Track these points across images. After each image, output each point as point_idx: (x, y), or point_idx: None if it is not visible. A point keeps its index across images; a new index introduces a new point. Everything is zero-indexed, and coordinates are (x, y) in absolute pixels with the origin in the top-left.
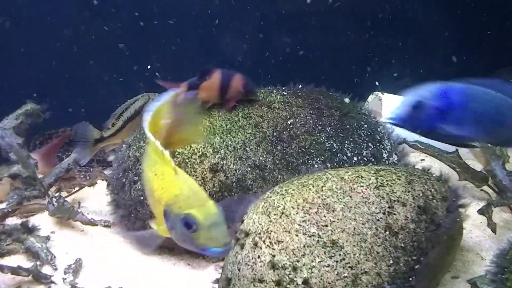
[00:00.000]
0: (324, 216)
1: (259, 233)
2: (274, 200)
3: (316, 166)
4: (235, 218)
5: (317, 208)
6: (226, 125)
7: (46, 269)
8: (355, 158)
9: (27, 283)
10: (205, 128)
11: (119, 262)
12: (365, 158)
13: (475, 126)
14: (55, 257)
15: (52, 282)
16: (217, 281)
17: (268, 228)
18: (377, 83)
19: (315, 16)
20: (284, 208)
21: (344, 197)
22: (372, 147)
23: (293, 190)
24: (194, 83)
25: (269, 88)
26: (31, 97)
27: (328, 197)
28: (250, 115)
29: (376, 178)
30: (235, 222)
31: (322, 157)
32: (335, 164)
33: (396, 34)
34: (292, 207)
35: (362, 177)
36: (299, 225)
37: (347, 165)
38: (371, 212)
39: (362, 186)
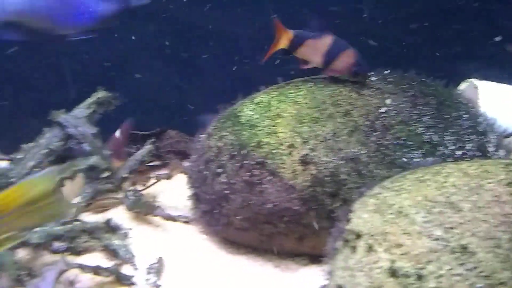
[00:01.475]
0: (450, 217)
1: (373, 235)
2: (387, 197)
3: (416, 160)
4: None
5: (441, 207)
6: (314, 113)
7: (126, 269)
8: (458, 152)
9: (108, 284)
10: (292, 116)
11: (201, 261)
12: (469, 152)
13: None
14: (134, 255)
15: (133, 283)
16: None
17: (383, 230)
18: (465, 70)
19: None
20: (400, 207)
21: (471, 195)
22: (476, 139)
23: (408, 186)
24: (300, 37)
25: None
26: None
27: (452, 195)
28: (338, 103)
29: (507, 174)
30: None
31: (422, 150)
32: (437, 158)
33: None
34: (410, 205)
35: (489, 172)
36: (421, 226)
37: (450, 160)
38: (505, 213)
39: (491, 183)
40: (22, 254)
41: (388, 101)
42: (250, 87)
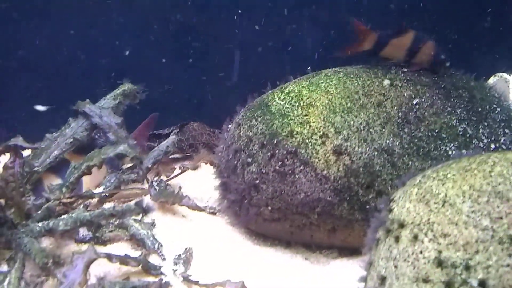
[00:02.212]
0: (498, 207)
1: (418, 225)
2: (431, 186)
3: (451, 152)
4: None
5: (488, 197)
6: (346, 103)
7: (153, 259)
8: (492, 145)
9: (135, 274)
10: (324, 106)
11: (229, 252)
12: (503, 146)
13: None
14: (162, 245)
15: (162, 273)
16: (363, 279)
17: (429, 219)
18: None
19: None
20: (446, 196)
21: None
22: (509, 133)
23: (453, 175)
24: (384, 37)
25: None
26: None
27: (499, 184)
28: (371, 93)
29: None
30: None
31: (456, 142)
32: (471, 152)
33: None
34: (456, 194)
35: None
36: (468, 216)
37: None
38: None
39: None
40: (46, 243)
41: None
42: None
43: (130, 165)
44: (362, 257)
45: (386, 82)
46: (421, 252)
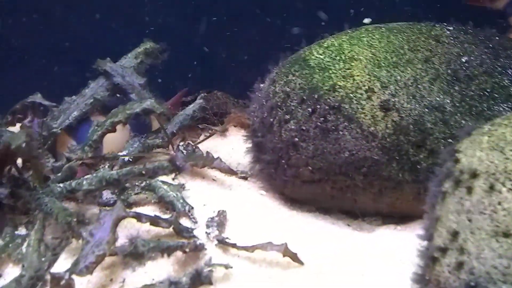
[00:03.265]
0: None
1: (494, 174)
2: (504, 133)
3: (505, 114)
4: None
5: None
6: (392, 58)
7: (184, 222)
8: None
9: (166, 237)
10: (368, 60)
11: (264, 217)
12: None
13: None
14: (192, 208)
15: (195, 236)
16: (426, 237)
17: (506, 167)
18: None
19: None
20: None
21: None
22: None
23: None
24: None
25: (429, 22)
26: None
27: None
28: (417, 48)
29: None
30: None
31: (509, 103)
32: None
33: None
34: None
35: None
36: None
37: None
38: None
39: None
40: (67, 206)
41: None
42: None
43: None
44: (411, 224)
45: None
46: (499, 204)
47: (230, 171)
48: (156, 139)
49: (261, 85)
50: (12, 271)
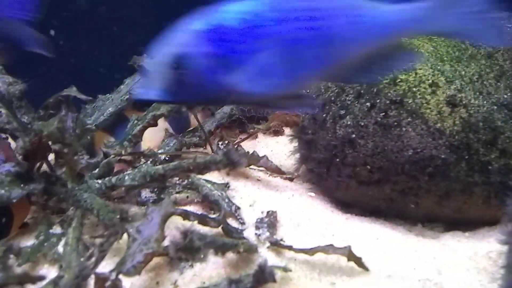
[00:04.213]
0: None
1: None
2: None
3: None
4: None
5: None
6: (454, 52)
7: (230, 223)
8: None
9: (214, 237)
10: (429, 53)
11: (316, 219)
12: None
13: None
14: (239, 208)
15: (244, 237)
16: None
17: None
18: None
19: None
20: None
21: None
22: None
23: None
24: None
25: None
26: None
27: None
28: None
29: None
30: None
31: None
32: None
33: None
34: None
35: None
36: None
37: None
38: None
39: None
40: None
41: None
42: None
43: None
44: (480, 230)
45: None
46: None
47: (278, 170)
48: (193, 137)
49: None
50: (48, 272)
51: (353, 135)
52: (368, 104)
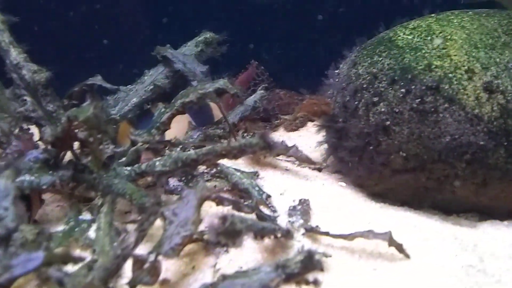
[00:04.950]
0: None
1: None
2: None
3: None
4: None
5: None
6: (487, 39)
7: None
8: None
9: None
10: (463, 40)
11: (349, 208)
12: None
13: None
14: (270, 196)
15: (278, 224)
16: None
17: None
18: None
19: None
20: None
21: None
22: None
23: None
24: None
25: None
26: None
27: None
28: (511, 32)
29: None
30: None
31: None
32: None
33: None
34: None
35: None
36: None
37: None
38: None
39: None
40: None
41: None
42: None
43: None
44: None
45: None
46: None
47: (308, 160)
48: (217, 129)
49: (341, 66)
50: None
51: (388, 122)
52: (403, 90)
